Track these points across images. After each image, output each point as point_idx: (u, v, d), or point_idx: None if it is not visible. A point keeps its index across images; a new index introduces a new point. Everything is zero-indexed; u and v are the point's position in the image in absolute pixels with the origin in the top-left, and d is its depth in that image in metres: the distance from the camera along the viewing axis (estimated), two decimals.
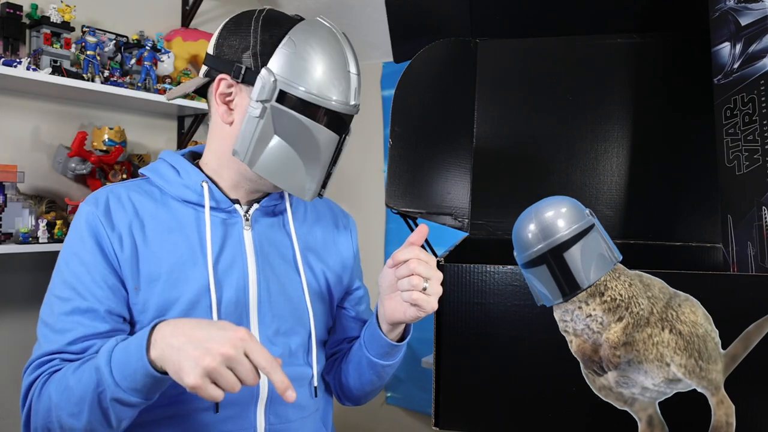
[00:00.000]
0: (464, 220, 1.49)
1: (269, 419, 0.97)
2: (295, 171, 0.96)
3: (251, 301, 0.98)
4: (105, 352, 0.81)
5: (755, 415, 0.97)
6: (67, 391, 0.83)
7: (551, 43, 1.49)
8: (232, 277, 0.96)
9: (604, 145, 1.45)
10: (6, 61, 1.70)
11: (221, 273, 0.96)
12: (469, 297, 1.06)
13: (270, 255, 1.01)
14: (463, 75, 1.53)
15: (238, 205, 1.01)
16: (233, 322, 0.92)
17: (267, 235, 1.02)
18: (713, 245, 1.34)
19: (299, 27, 0.94)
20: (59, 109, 2.05)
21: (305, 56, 0.92)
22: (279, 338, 0.99)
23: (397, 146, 1.45)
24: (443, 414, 1.08)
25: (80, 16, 2.02)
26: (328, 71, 0.93)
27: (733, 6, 1.09)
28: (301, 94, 0.92)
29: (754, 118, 1.04)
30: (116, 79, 2.02)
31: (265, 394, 0.96)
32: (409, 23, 1.52)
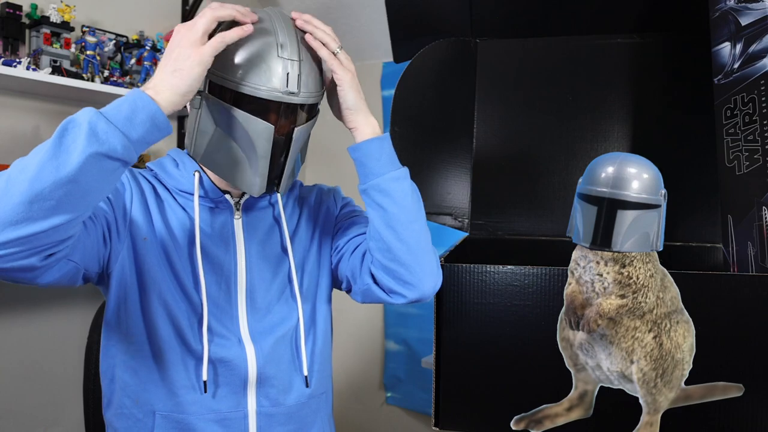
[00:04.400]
0: (464, 220, 1.49)
1: (260, 402, 0.99)
2: (237, 164, 0.94)
3: (239, 287, 1.00)
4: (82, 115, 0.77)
5: (755, 414, 0.97)
6: (22, 161, 0.76)
7: (551, 43, 1.49)
8: (221, 264, 0.99)
9: (604, 145, 1.45)
10: (6, 61, 1.70)
11: (211, 258, 0.99)
12: (469, 297, 1.06)
13: (260, 243, 1.03)
14: (463, 75, 1.53)
15: (228, 196, 1.02)
16: (221, 307, 0.98)
17: (257, 224, 1.04)
18: (713, 245, 1.34)
19: None
20: (59, 109, 2.05)
21: (233, 45, 0.89)
22: (267, 324, 1.01)
23: (397, 146, 1.45)
24: (443, 414, 1.09)
25: (80, 16, 2.02)
26: (255, 57, 0.89)
27: (733, 6, 1.09)
28: (227, 83, 0.90)
29: (754, 118, 1.04)
30: (116, 79, 2.02)
31: (254, 377, 0.98)
32: (409, 23, 1.52)
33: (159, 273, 0.96)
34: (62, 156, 0.73)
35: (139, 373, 0.97)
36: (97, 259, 0.92)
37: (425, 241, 0.99)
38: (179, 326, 0.96)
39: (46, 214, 0.73)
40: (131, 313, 0.96)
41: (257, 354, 0.99)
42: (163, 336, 0.96)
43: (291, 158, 0.96)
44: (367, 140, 0.97)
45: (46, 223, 0.73)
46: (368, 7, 2.44)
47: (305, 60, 0.93)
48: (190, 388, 0.96)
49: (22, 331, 1.95)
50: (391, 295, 1.00)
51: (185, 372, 0.96)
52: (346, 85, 0.95)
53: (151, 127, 0.79)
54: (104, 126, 0.75)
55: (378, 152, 0.97)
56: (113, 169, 0.77)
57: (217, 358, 0.96)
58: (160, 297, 0.96)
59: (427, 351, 2.01)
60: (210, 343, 0.96)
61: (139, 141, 0.78)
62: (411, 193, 0.98)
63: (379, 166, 0.97)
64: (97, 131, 0.74)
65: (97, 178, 0.76)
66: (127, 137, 0.76)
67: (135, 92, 0.79)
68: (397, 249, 0.96)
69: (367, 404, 2.72)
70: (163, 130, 0.81)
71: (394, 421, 2.67)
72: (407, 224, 0.96)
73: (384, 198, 0.96)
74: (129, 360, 0.97)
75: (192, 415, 0.96)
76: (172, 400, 0.96)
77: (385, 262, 0.97)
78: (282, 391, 1.01)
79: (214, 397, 0.97)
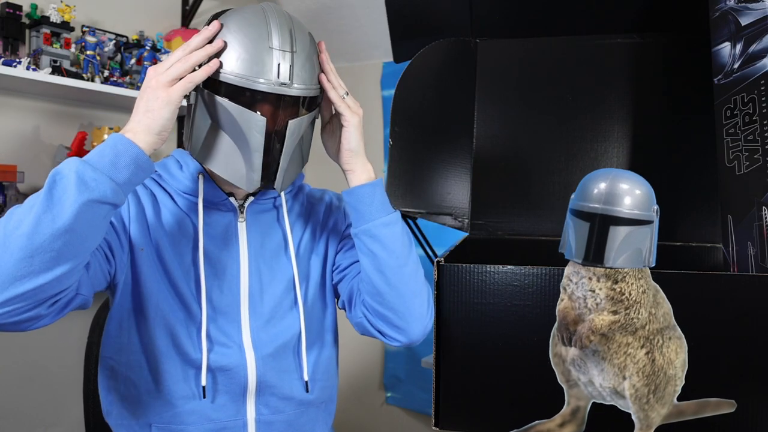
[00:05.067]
0: (464, 220, 1.49)
1: (260, 410, 0.99)
2: (232, 158, 0.93)
3: (242, 291, 1.00)
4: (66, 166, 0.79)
5: (756, 414, 0.97)
6: (13, 217, 0.78)
7: (551, 43, 1.49)
8: (224, 267, 0.99)
9: (604, 145, 1.45)
10: (6, 61, 1.70)
11: (214, 261, 0.99)
12: (469, 297, 1.06)
13: (263, 247, 1.03)
14: (463, 75, 1.53)
15: (232, 198, 1.02)
16: (224, 312, 0.98)
17: (261, 228, 1.04)
18: (713, 245, 1.34)
19: (229, 11, 0.95)
20: (59, 109, 2.05)
21: (226, 38, 0.90)
22: (269, 330, 1.00)
23: (397, 146, 1.45)
24: (443, 414, 1.09)
25: (80, 16, 2.02)
26: (247, 50, 0.89)
27: (733, 6, 1.09)
28: (221, 76, 0.90)
29: (754, 118, 1.04)
30: (116, 79, 2.01)
31: (254, 385, 0.98)
32: (409, 23, 1.52)
33: (155, 283, 0.95)
34: (56, 208, 0.75)
35: (137, 385, 0.96)
36: (104, 277, 0.93)
37: (415, 285, 1.00)
38: (177, 336, 0.95)
39: (49, 265, 0.75)
40: (129, 325, 0.96)
41: (257, 361, 0.98)
42: (161, 347, 0.95)
43: (286, 153, 0.94)
44: (361, 185, 0.98)
45: (50, 274, 0.76)
46: (368, 7, 2.44)
47: (299, 52, 0.91)
48: (189, 398, 0.95)
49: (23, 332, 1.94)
50: (386, 336, 1.02)
51: (185, 382, 0.95)
52: (353, 127, 0.97)
53: (136, 168, 0.82)
54: (91, 173, 0.78)
55: (370, 197, 0.98)
56: (105, 213, 0.80)
57: (216, 366, 0.96)
58: (157, 308, 0.95)
59: (427, 351, 2.01)
60: (209, 351, 0.95)
61: (126, 183, 0.82)
62: (401, 238, 0.99)
63: (370, 211, 0.97)
64: (85, 179, 0.77)
65: (92, 223, 0.78)
66: (114, 181, 0.80)
67: (114, 137, 0.82)
68: (386, 294, 0.98)
69: (367, 404, 2.72)
70: (147, 170, 0.85)
71: (394, 421, 2.67)
72: (396, 269, 0.97)
73: (374, 243, 0.97)
74: (127, 372, 0.97)
75: (190, 426, 0.95)
76: (170, 411, 0.95)
77: (376, 306, 0.99)
78: (282, 399, 1.00)
79: (213, 404, 0.96)
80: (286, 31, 0.91)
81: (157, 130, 0.85)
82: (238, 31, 0.90)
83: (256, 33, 0.90)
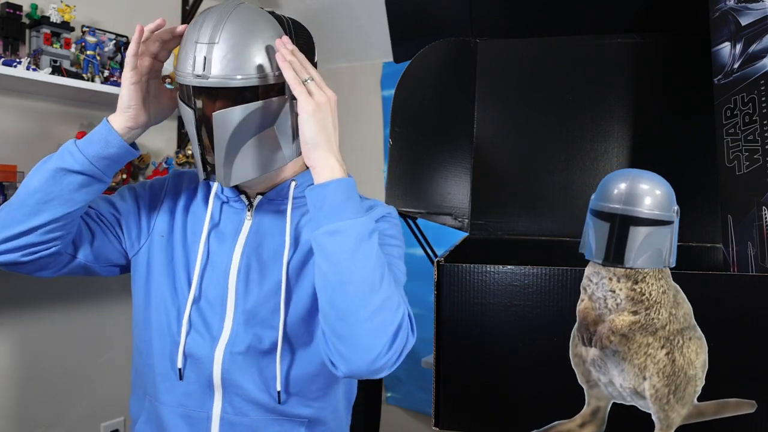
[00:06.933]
0: (464, 220, 1.49)
1: (225, 407, 0.99)
2: (196, 151, 0.99)
3: (230, 285, 1.01)
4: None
5: (755, 414, 0.97)
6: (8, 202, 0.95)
7: (551, 43, 1.49)
8: (218, 259, 1.02)
9: (604, 145, 1.45)
10: (6, 61, 1.70)
11: (212, 253, 1.02)
12: (469, 297, 1.06)
13: (261, 247, 1.02)
14: (463, 75, 1.53)
15: (243, 196, 1.03)
16: (210, 302, 1.01)
17: (264, 229, 1.03)
18: (713, 245, 1.34)
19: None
20: (59, 109, 2.05)
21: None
22: (248, 329, 0.99)
23: (397, 146, 1.45)
24: (443, 414, 1.09)
25: (80, 16, 2.02)
26: (182, 45, 0.94)
27: (733, 6, 1.09)
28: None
29: (754, 118, 1.04)
30: (116, 79, 2.01)
31: (218, 380, 0.98)
32: (409, 23, 1.52)
33: (161, 266, 1.02)
34: (38, 172, 0.93)
35: (142, 355, 1.04)
36: (118, 252, 1.04)
37: (367, 310, 0.83)
38: (168, 316, 1.00)
39: (26, 217, 0.92)
40: (139, 301, 1.05)
41: (225, 356, 0.97)
42: (155, 324, 1.01)
43: (219, 145, 0.91)
44: (314, 186, 0.88)
45: (27, 224, 0.91)
46: (368, 7, 2.44)
47: (221, 43, 0.89)
48: (169, 377, 0.99)
49: (22, 331, 1.95)
50: (330, 362, 0.88)
51: (169, 361, 0.99)
52: (305, 114, 0.87)
53: (105, 144, 0.93)
54: (71, 147, 0.93)
55: (320, 199, 0.86)
56: (78, 182, 0.92)
57: (189, 352, 0.99)
58: (158, 288, 1.02)
59: (427, 351, 2.01)
60: (187, 335, 0.99)
61: (96, 157, 0.93)
62: (352, 252, 0.84)
63: (318, 217, 0.87)
64: (63, 151, 0.93)
65: (62, 188, 0.92)
66: (83, 154, 0.92)
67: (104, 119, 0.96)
68: (327, 313, 0.86)
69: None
70: (115, 145, 0.94)
71: (394, 421, 2.67)
72: (338, 287, 0.84)
73: (318, 253, 0.86)
74: (139, 343, 1.05)
75: (164, 405, 1.00)
76: (157, 386, 1.01)
77: (323, 326, 0.88)
78: (247, 402, 0.98)
79: (186, 389, 0.99)
80: (212, 25, 0.91)
81: (122, 108, 0.95)
82: (189, 27, 0.95)
83: (192, 29, 0.93)
